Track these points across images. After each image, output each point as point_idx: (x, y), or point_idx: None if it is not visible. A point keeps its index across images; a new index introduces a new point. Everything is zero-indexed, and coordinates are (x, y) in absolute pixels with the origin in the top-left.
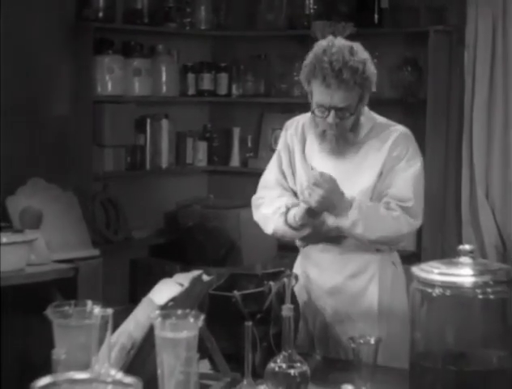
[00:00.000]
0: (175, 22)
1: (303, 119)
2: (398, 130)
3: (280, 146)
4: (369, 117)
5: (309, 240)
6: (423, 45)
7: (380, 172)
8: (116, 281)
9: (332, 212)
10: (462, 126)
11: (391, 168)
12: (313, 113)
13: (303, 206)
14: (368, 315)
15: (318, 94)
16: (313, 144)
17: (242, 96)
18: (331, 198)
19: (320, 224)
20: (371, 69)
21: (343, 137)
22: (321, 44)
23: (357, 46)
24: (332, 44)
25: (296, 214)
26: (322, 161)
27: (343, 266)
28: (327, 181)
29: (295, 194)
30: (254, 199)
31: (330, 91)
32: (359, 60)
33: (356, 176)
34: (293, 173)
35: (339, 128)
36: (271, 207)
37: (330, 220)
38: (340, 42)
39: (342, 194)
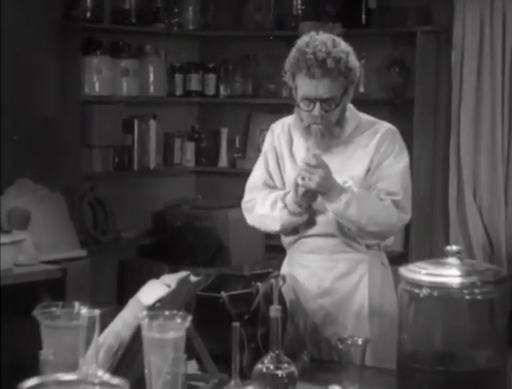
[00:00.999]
0: (163, 22)
1: (289, 120)
2: (385, 126)
3: (267, 147)
4: (355, 114)
5: (306, 226)
6: (410, 46)
7: (368, 168)
8: (104, 282)
9: (327, 195)
10: (449, 127)
11: (379, 163)
12: (298, 107)
13: (300, 189)
14: (359, 315)
15: (303, 86)
16: (299, 143)
17: (230, 97)
18: (329, 178)
19: (313, 211)
20: (354, 61)
21: (328, 131)
22: (303, 38)
23: (339, 39)
24: (314, 37)
25: (296, 201)
26: None
27: (332, 267)
28: (322, 162)
29: None
30: (244, 203)
31: (314, 83)
32: (342, 50)
33: (343, 172)
34: (281, 174)
35: (324, 121)
36: (266, 206)
37: (324, 203)
38: (322, 35)
39: (334, 178)
